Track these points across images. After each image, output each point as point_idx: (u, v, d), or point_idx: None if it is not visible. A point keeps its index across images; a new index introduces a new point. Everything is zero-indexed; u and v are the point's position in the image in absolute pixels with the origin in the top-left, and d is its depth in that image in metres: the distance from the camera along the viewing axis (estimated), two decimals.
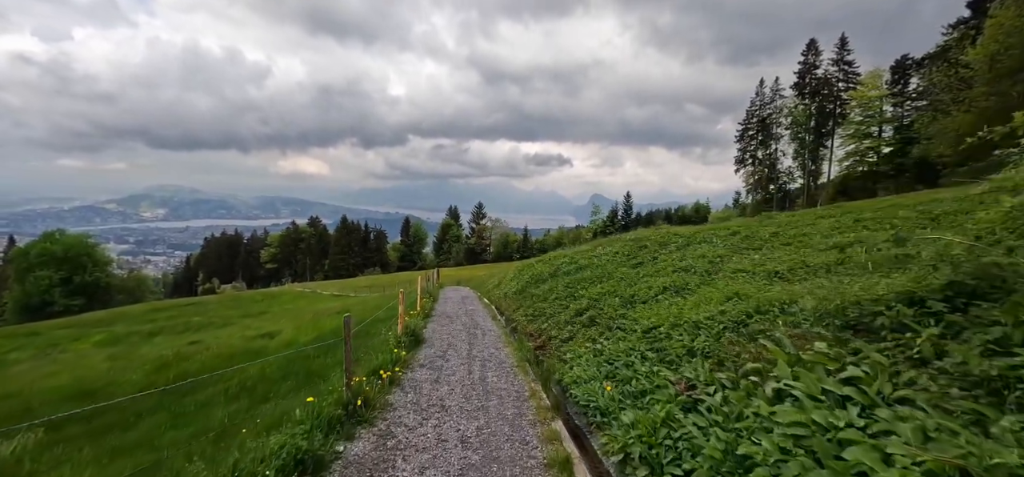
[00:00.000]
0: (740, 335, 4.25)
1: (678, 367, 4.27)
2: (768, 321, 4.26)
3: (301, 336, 11.70)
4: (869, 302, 3.34)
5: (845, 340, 3.14)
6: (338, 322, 14.18)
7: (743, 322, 4.56)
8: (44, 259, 59.03)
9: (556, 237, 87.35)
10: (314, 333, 11.65)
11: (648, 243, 13.70)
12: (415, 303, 13.55)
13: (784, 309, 4.46)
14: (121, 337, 22.60)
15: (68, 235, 64.65)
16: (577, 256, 15.38)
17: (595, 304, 8.89)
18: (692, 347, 4.49)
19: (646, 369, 4.60)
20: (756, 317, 4.50)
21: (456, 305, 15.39)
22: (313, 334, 11.47)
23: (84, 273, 60.64)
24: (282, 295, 39.67)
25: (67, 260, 60.00)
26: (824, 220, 13.77)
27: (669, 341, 4.96)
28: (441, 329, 10.58)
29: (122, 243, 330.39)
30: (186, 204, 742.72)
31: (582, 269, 13.04)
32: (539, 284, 13.70)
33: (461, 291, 22.12)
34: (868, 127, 52.11)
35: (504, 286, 17.62)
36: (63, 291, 57.66)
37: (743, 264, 9.47)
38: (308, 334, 11.97)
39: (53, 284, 57.36)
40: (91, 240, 67.02)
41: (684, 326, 5.13)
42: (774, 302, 4.70)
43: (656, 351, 4.98)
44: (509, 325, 11.55)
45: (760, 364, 3.42)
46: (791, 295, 4.78)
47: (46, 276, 57.50)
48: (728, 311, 5.02)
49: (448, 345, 8.57)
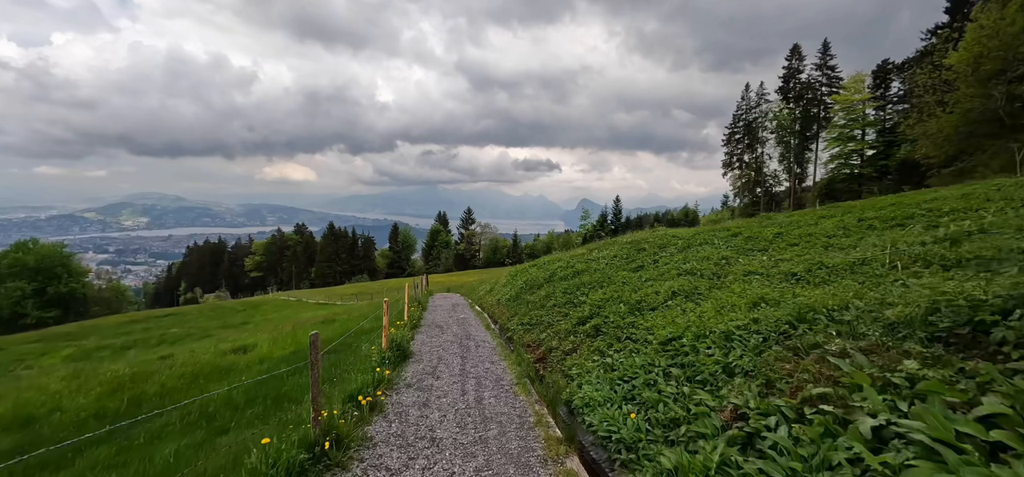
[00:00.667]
0: (787, 348, 3.57)
1: (715, 389, 3.56)
2: (819, 332, 3.59)
3: (277, 350, 10.76)
4: (966, 308, 2.67)
5: (941, 358, 2.48)
6: (325, 331, 13.25)
7: (784, 333, 3.89)
8: (16, 270, 56.68)
9: (546, 242, 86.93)
10: (292, 346, 10.74)
11: (646, 245, 13.09)
12: (402, 312, 12.71)
13: (833, 316, 3.80)
14: (91, 351, 21.33)
15: (42, 245, 62.25)
16: (573, 260, 14.67)
17: (599, 311, 8.17)
18: (727, 364, 3.79)
19: (673, 389, 3.88)
20: (801, 327, 3.82)
21: (446, 313, 14.55)
22: (290, 347, 10.56)
23: (59, 284, 58.39)
24: (265, 304, 38.39)
25: (41, 271, 57.73)
26: (827, 220, 13.30)
27: (696, 356, 4.26)
28: (431, 341, 9.78)
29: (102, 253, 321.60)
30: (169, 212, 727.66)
31: (579, 273, 12.36)
32: (534, 290, 12.94)
33: (451, 298, 21.29)
34: (851, 130, 52.82)
35: (497, 292, 16.83)
36: (36, 303, 55.41)
37: (752, 266, 8.89)
38: (285, 348, 11.03)
39: (26, 295, 55.10)
40: (66, 250, 64.59)
41: (712, 338, 4.43)
42: (817, 308, 4.04)
43: (681, 367, 4.27)
44: (504, 335, 10.77)
45: (827, 388, 2.73)
46: (836, 300, 4.12)
47: (18, 287, 55.17)
48: (763, 319, 4.34)
49: (438, 360, 7.77)
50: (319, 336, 3.78)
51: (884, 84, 51.54)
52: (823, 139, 57.57)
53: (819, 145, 59.66)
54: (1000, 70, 24.66)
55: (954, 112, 27.61)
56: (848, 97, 51.57)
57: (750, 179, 67.46)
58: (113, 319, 33.57)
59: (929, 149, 30.75)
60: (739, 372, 3.59)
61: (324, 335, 11.04)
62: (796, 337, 3.67)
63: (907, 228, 9.57)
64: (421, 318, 13.12)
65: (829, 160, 55.95)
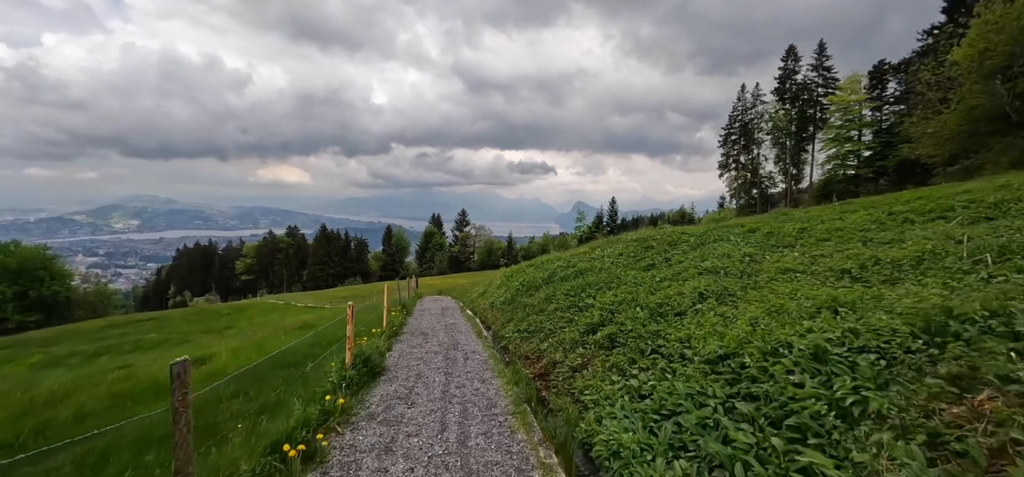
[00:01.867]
0: (936, 377, 2.28)
1: (831, 444, 2.24)
2: (983, 351, 2.30)
3: (235, 362, 9.33)
4: None
5: None
6: (297, 339, 11.77)
7: (910, 349, 2.59)
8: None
9: (541, 244, 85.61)
10: (256, 356, 9.30)
11: (654, 243, 11.81)
12: (382, 318, 11.27)
13: (988, 326, 2.51)
14: (61, 358, 19.73)
15: (24, 247, 60.11)
16: (574, 259, 13.33)
17: (611, 316, 6.87)
18: (837, 400, 2.47)
19: (750, 438, 2.56)
20: (950, 340, 2.51)
21: (434, 318, 13.17)
22: (256, 357, 9.12)
23: (41, 287, 56.26)
24: (252, 308, 36.70)
25: (22, 273, 55.57)
26: (852, 214, 12.01)
27: (772, 383, 2.94)
28: (411, 352, 8.46)
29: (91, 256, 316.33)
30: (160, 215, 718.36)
31: (583, 273, 11.09)
32: (532, 292, 11.60)
33: (441, 301, 19.82)
34: (848, 131, 52.26)
35: (490, 295, 15.44)
36: (17, 306, 53.28)
37: (787, 262, 7.63)
38: (248, 358, 9.60)
39: (6, 299, 52.97)
40: (49, 252, 62.48)
41: (792, 356, 3.11)
42: (954, 312, 2.75)
43: (751, 400, 2.96)
44: (498, 344, 9.47)
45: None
46: (960, 304, 2.83)
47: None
48: (861, 330, 3.04)
49: (417, 377, 6.41)
50: (189, 366, 2.35)
51: (880, 85, 50.99)
52: (819, 140, 56.94)
53: (816, 146, 59.05)
54: (1006, 65, 23.86)
55: (958, 109, 26.77)
56: (844, 98, 50.99)
57: (746, 180, 66.76)
58: (92, 323, 31.76)
59: (932, 148, 29.86)
60: (864, 416, 2.28)
61: (294, 343, 9.62)
62: (943, 359, 2.37)
63: (950, 221, 8.45)
64: (404, 325, 11.78)
65: (826, 161, 55.33)
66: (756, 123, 64.52)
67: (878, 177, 47.02)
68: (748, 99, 66.50)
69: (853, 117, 51.13)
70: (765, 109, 63.26)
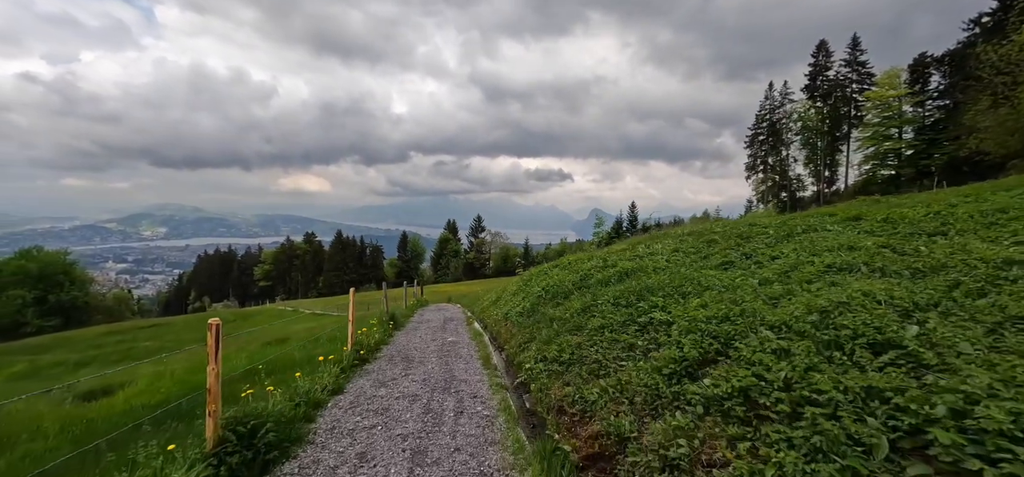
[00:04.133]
0: None
1: None
2: None
3: (158, 390, 7.55)
4: None
5: None
6: (271, 353, 10.24)
7: None
8: (19, 277, 55.61)
9: (558, 250, 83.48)
10: (173, 389, 7.41)
11: (717, 237, 9.75)
12: (373, 328, 9.47)
13: None
14: (43, 369, 18.81)
15: (45, 252, 61.32)
16: (612, 257, 11.22)
17: (724, 346, 4.23)
18: None
19: None
20: None
21: (429, 334, 10.92)
22: (171, 390, 7.28)
23: (60, 292, 57.12)
24: (259, 315, 35.88)
25: (43, 279, 56.60)
26: (967, 204, 9.01)
27: None
28: (373, 394, 5.96)
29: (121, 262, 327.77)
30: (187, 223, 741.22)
31: (630, 275, 8.72)
32: (560, 300, 9.22)
33: (446, 310, 17.78)
34: (887, 128, 49.06)
35: (504, 303, 13.09)
36: (37, 311, 54.16)
37: (989, 253, 5.04)
38: (168, 388, 7.73)
39: (26, 303, 53.87)
40: (70, 257, 63.59)
41: None
42: None
43: None
44: (513, 379, 6.80)
45: None
46: None
47: (19, 295, 54.05)
48: None
49: (354, 467, 3.93)
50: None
51: (922, 79, 47.73)
52: (855, 139, 53.82)
53: (850, 146, 55.73)
54: None
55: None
56: (882, 93, 48.02)
57: (775, 183, 63.56)
58: (93, 330, 31.41)
59: (996, 141, 26.90)
60: None
61: (266, 357, 8.08)
62: None
63: None
64: (387, 342, 9.73)
65: (863, 161, 52.18)
66: (785, 123, 61.44)
67: (921, 177, 43.75)
68: (776, 97, 63.37)
69: (892, 114, 48.10)
70: (794, 108, 60.18)
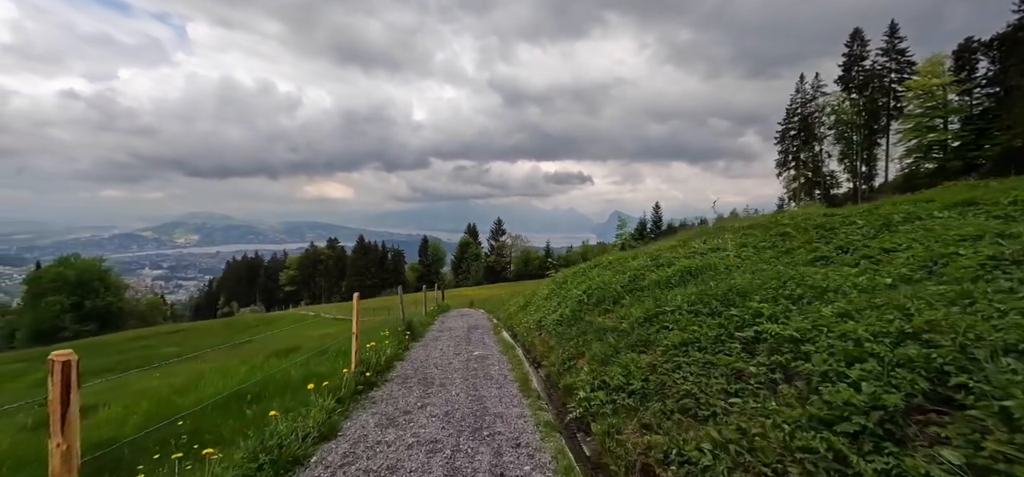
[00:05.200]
0: None
1: None
2: None
3: (136, 410, 6.71)
4: None
5: None
6: (269, 370, 9.40)
7: None
8: (57, 284, 57.72)
9: (581, 253, 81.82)
10: (152, 412, 6.42)
11: (789, 230, 8.40)
12: (384, 347, 8.01)
13: None
14: None
15: (82, 259, 63.50)
16: (664, 255, 9.59)
17: (943, 381, 2.54)
18: None
19: None
20: None
21: (453, 346, 9.49)
22: (147, 414, 6.30)
23: (96, 298, 58.98)
24: (282, 320, 35.91)
25: (79, 284, 58.54)
26: None
27: None
28: (378, 441, 4.25)
29: (156, 269, 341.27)
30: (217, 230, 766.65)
31: (694, 274, 7.34)
32: (607, 306, 7.84)
33: (470, 316, 16.56)
34: (931, 119, 45.99)
35: (536, 309, 11.71)
36: (74, 316, 56.01)
37: None
38: (148, 409, 6.76)
39: (64, 309, 55.85)
40: (105, 265, 65.73)
41: None
42: None
43: None
44: (562, 414, 5.00)
45: None
46: None
47: (57, 301, 56.09)
48: None
49: None
50: None
51: (969, 66, 44.55)
52: (894, 132, 50.69)
53: (890, 139, 52.53)
54: None
55: None
56: (925, 82, 45.11)
57: (808, 179, 60.62)
58: (120, 335, 31.96)
59: None
60: None
61: (265, 373, 7.29)
62: None
63: None
64: (402, 355, 8.37)
65: (905, 154, 49.08)
66: (817, 117, 58.50)
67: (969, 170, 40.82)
68: (808, 90, 60.39)
69: (937, 103, 45.13)
70: (827, 101, 57.23)
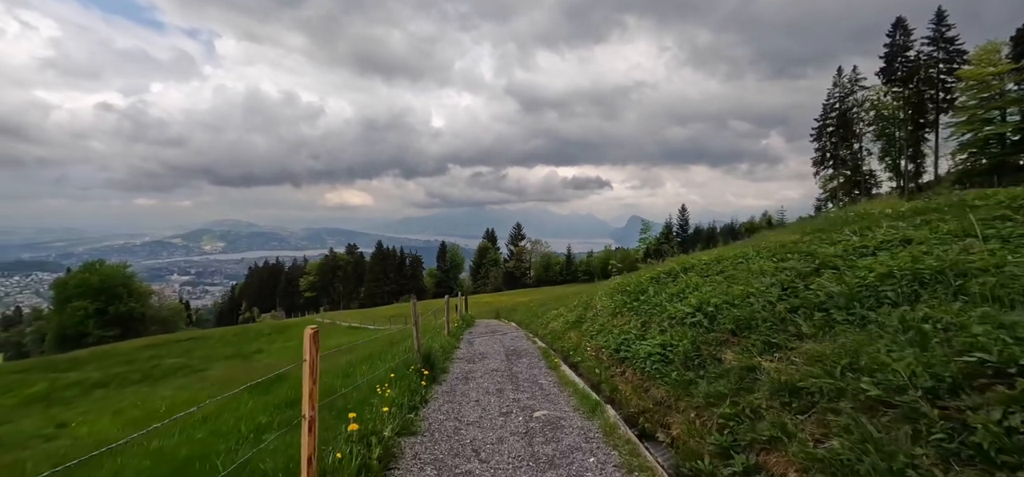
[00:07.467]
0: None
1: None
2: None
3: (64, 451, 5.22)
4: None
5: None
6: (240, 408, 7.56)
7: None
8: (82, 289, 58.29)
9: (602, 258, 79.01)
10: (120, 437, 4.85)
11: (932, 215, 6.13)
12: (381, 419, 4.41)
13: None
14: (61, 389, 17.52)
15: (106, 266, 64.14)
16: (821, 249, 5.99)
17: None
18: None
19: None
20: None
21: (495, 394, 6.06)
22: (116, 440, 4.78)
23: (119, 303, 59.31)
24: (293, 327, 34.59)
25: (103, 290, 59.02)
26: None
27: None
28: None
29: (185, 275, 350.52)
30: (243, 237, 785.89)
31: (930, 282, 4.28)
32: (766, 336, 4.45)
33: (503, 334, 13.16)
34: (987, 111, 42.18)
35: (602, 330, 8.21)
36: (98, 322, 56.39)
37: None
38: (73, 454, 5.07)
39: (88, 314, 56.30)
40: (129, 271, 66.32)
41: None
42: None
43: None
44: None
45: None
46: None
47: (82, 306, 56.61)
48: None
49: None
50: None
51: None
52: (944, 125, 46.80)
53: (940, 133, 48.57)
54: None
55: None
56: (979, 71, 41.35)
57: (847, 178, 56.81)
58: (131, 344, 31.18)
59: None
60: None
61: (211, 428, 5.42)
62: None
63: None
64: (414, 426, 4.76)
65: (958, 150, 45.18)
66: (856, 112, 54.76)
67: None
68: (846, 84, 56.57)
69: (993, 94, 41.37)
70: (866, 95, 53.51)
